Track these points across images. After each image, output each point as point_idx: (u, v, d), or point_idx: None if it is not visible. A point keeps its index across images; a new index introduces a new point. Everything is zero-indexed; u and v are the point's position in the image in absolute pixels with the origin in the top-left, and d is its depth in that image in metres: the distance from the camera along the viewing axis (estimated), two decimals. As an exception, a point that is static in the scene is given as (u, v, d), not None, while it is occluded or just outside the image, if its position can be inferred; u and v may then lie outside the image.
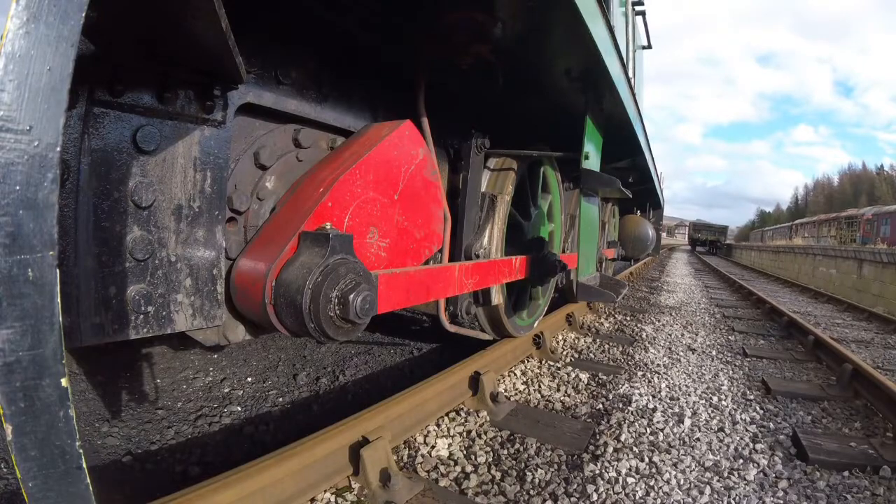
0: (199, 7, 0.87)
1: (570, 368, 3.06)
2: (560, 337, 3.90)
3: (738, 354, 3.91)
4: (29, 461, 0.52)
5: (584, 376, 2.92)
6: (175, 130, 1.22)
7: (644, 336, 4.28)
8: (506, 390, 2.60)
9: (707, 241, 43.34)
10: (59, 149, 0.55)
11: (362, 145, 1.67)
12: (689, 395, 2.74)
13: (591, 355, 3.50)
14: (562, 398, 2.56)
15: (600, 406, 2.47)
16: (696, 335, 4.56)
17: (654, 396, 2.67)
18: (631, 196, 3.07)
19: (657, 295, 7.69)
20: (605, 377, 2.95)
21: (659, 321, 5.14)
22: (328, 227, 1.37)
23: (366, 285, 1.34)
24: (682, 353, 3.74)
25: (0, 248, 0.50)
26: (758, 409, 2.59)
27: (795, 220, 54.61)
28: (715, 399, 2.69)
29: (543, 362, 3.16)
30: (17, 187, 0.52)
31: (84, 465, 0.56)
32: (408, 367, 3.09)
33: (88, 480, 0.57)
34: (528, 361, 3.13)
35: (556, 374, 2.94)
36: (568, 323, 4.19)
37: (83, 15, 0.57)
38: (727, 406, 2.59)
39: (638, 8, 5.63)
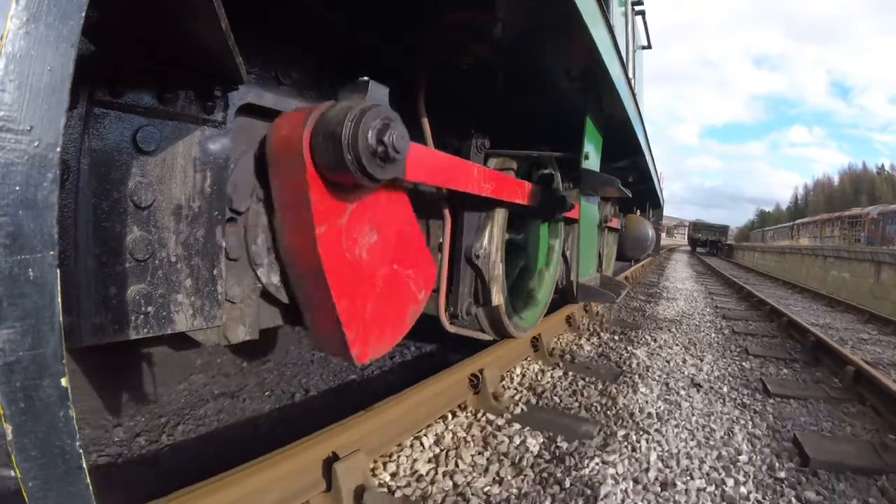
0: (199, 6, 0.87)
1: (516, 426, 2.14)
2: (518, 371, 2.93)
3: (757, 392, 2.98)
4: (29, 461, 0.52)
5: (534, 443, 2.01)
6: (175, 131, 1.22)
7: (634, 365, 3.35)
8: (394, 476, 1.70)
9: (707, 242, 42.20)
10: (59, 149, 0.55)
11: None
12: (692, 474, 1.87)
13: (556, 399, 2.56)
14: (486, 489, 1.66)
15: (546, 508, 1.58)
16: (702, 360, 3.65)
17: (636, 482, 1.79)
18: (631, 196, 3.07)
19: (655, 304, 6.75)
20: (566, 444, 2.02)
21: (655, 340, 4.22)
22: (366, 78, 1.37)
23: (400, 125, 1.34)
24: (682, 393, 2.82)
25: (0, 249, 0.51)
26: (793, 500, 1.75)
27: (796, 219, 54.03)
28: (730, 483, 1.82)
29: (479, 417, 2.22)
30: (18, 187, 0.52)
31: (84, 465, 0.56)
32: (266, 424, 2.25)
33: (88, 480, 0.57)
34: (454, 416, 2.20)
35: (492, 440, 2.02)
36: (534, 348, 3.24)
37: (83, 15, 0.57)
38: (750, 495, 1.76)
39: (638, 8, 5.64)
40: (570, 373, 3.04)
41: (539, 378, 2.90)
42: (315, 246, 1.32)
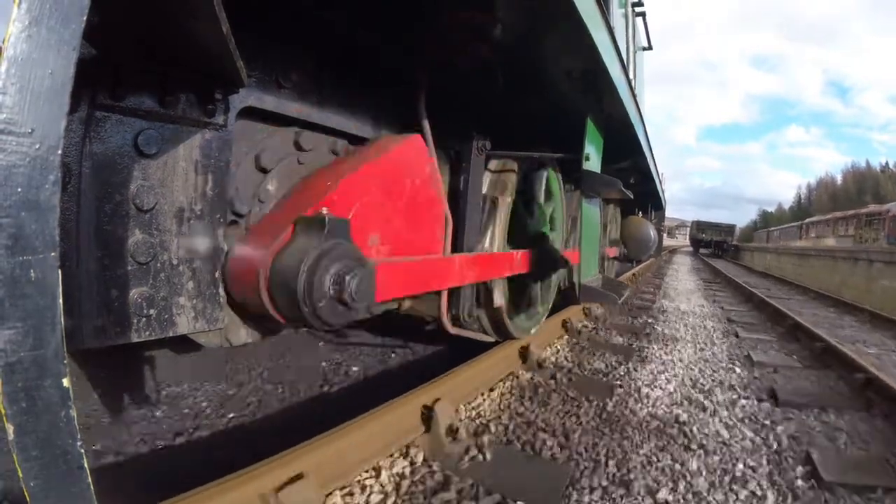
0: (199, 8, 0.88)
1: None
2: None
3: None
4: (30, 461, 0.52)
5: None
6: (176, 134, 1.22)
7: None
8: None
9: (712, 242, 37.32)
10: (60, 151, 0.55)
11: (372, 152, 1.71)
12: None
13: None
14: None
15: None
16: None
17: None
18: (632, 197, 3.07)
19: (638, 359, 3.37)
20: None
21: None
22: (325, 211, 1.34)
23: (361, 269, 1.32)
24: None
25: (2, 250, 0.51)
26: None
27: (798, 219, 52.65)
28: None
29: None
30: (20, 189, 0.52)
31: (85, 465, 0.56)
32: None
33: (90, 480, 0.57)
34: None
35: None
36: None
37: (84, 19, 0.57)
38: None
39: (638, 9, 5.65)
40: None
41: None
42: None
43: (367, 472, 1.64)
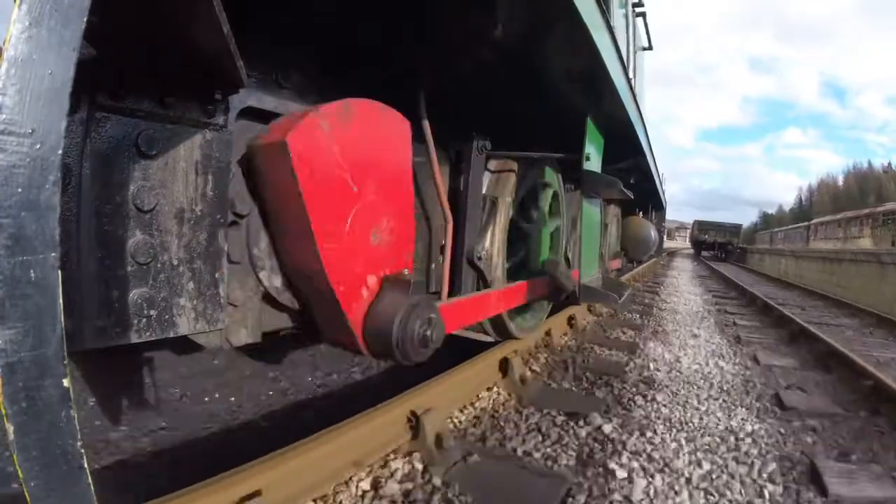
0: (200, 10, 0.88)
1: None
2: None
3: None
4: (31, 461, 0.52)
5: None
6: (177, 134, 1.22)
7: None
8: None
9: (716, 244, 33.10)
10: (60, 152, 0.56)
11: None
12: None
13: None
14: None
15: None
16: None
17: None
18: (632, 197, 3.07)
19: None
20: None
21: None
22: (406, 272, 1.64)
23: (438, 320, 1.65)
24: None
25: (3, 250, 0.51)
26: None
27: (799, 220, 52.11)
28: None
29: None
30: (20, 189, 0.53)
31: (85, 465, 0.56)
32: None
33: (90, 480, 0.57)
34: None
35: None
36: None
37: (84, 20, 0.57)
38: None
39: (638, 9, 5.66)
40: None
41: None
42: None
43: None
